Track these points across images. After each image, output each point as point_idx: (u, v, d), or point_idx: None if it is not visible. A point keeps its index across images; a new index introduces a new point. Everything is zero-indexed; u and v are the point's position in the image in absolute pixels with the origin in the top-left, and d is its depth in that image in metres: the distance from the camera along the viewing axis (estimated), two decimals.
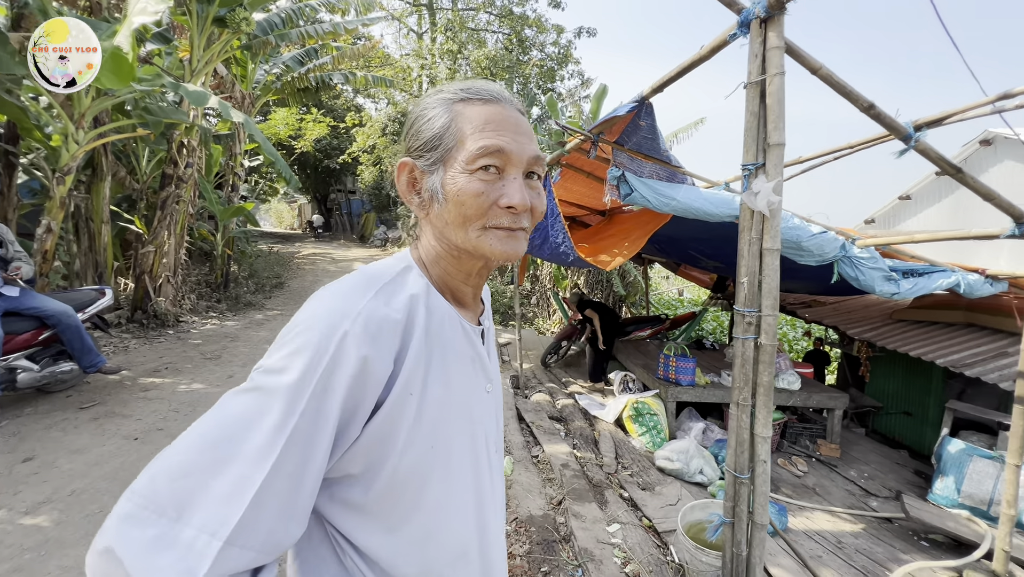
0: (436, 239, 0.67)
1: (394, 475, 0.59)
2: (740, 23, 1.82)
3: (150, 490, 0.49)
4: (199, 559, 0.47)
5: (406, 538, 0.61)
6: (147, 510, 0.48)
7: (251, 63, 8.50)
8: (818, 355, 6.39)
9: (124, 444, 3.29)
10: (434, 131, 0.63)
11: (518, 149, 0.62)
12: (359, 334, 0.55)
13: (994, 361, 3.59)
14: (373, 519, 0.60)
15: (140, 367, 4.85)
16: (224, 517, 0.48)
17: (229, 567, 0.48)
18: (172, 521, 0.48)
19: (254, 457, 0.50)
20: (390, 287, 0.62)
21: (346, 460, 0.57)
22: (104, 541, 0.47)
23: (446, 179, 0.62)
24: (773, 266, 1.81)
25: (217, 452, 0.50)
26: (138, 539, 0.47)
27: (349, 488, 0.59)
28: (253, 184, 17.48)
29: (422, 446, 0.60)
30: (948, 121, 2.14)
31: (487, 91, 0.64)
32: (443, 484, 0.63)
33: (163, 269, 6.52)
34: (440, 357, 0.63)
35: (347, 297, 0.58)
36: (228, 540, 0.48)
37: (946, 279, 3.14)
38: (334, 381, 0.53)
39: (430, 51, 13.46)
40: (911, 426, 5.08)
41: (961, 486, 3.25)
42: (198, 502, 0.48)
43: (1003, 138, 7.89)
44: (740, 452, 1.92)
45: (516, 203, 0.61)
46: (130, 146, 7.23)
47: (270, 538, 0.51)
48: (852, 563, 2.66)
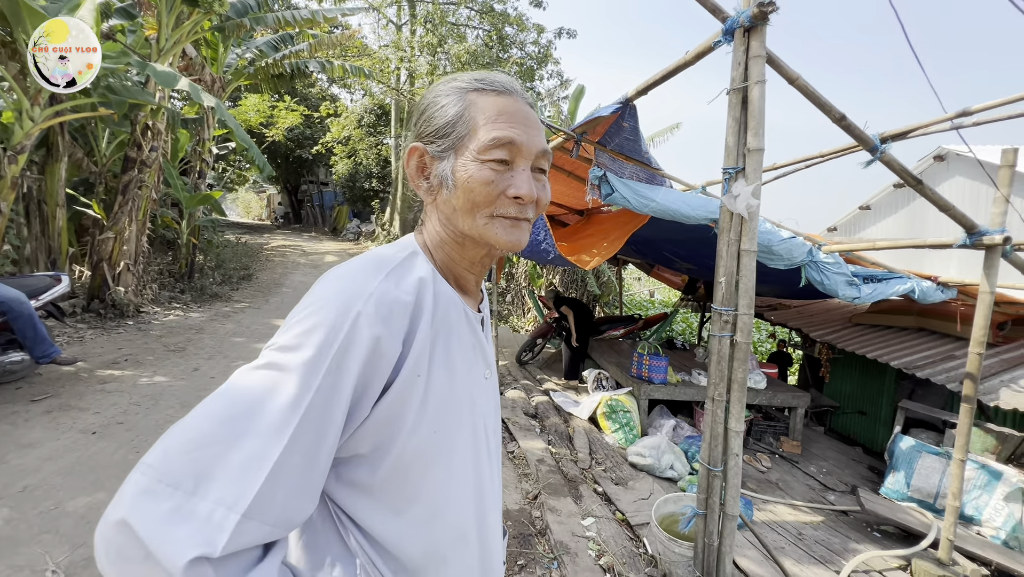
0: (442, 225, 0.68)
1: (401, 457, 0.59)
2: (725, 31, 1.88)
3: (164, 463, 0.49)
4: (217, 531, 0.47)
5: (410, 520, 0.62)
6: (162, 483, 0.48)
7: (222, 46, 8.19)
8: (781, 356, 6.65)
9: (80, 438, 3.14)
10: (447, 118, 0.64)
11: (528, 142, 0.64)
12: (372, 314, 0.55)
13: (943, 363, 3.83)
14: (379, 500, 0.61)
15: (97, 358, 4.62)
16: (241, 491, 0.48)
17: (246, 540, 0.48)
18: (188, 494, 0.47)
19: (270, 432, 0.50)
20: (399, 270, 0.62)
21: (355, 440, 0.58)
22: (118, 514, 0.47)
23: (457, 166, 0.63)
24: (750, 267, 1.89)
25: (233, 426, 0.50)
26: (154, 512, 0.46)
27: (356, 468, 0.60)
28: (221, 172, 16.87)
29: (427, 429, 0.60)
30: (912, 135, 2.27)
31: (500, 83, 0.66)
32: (446, 468, 0.63)
33: (123, 257, 6.22)
34: (444, 341, 0.63)
35: (359, 278, 0.59)
36: (246, 513, 0.48)
37: (902, 285, 3.33)
38: (348, 360, 0.54)
39: (409, 43, 13.27)
40: (865, 425, 5.36)
41: (911, 480, 3.45)
42: (215, 475, 0.48)
43: (955, 155, 8.39)
44: (714, 446, 1.99)
45: (524, 194, 0.63)
46: (89, 126, 6.85)
47: (284, 513, 0.51)
48: (811, 553, 2.79)
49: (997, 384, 3.41)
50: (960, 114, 2.20)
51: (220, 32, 7.33)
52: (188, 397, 3.95)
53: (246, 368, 0.55)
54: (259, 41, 9.12)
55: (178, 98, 9.92)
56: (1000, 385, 3.39)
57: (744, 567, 2.50)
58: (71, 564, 2.08)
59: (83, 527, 2.31)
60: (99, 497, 2.54)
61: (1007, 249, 2.51)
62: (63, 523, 2.33)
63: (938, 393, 4.23)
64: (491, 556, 0.72)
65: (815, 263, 3.09)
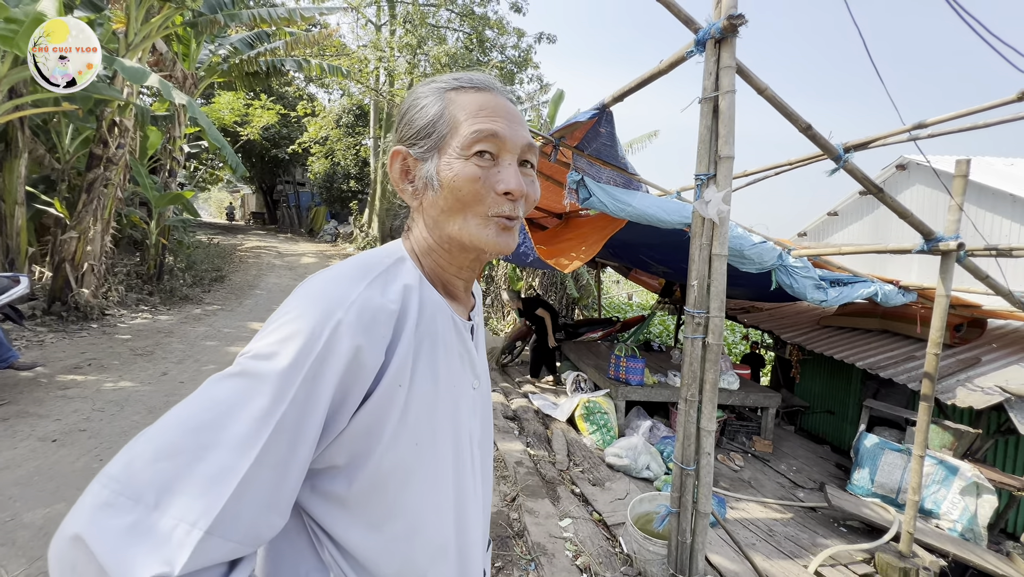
0: (428, 230, 0.66)
1: (378, 469, 0.57)
2: (697, 42, 1.93)
3: (126, 476, 0.46)
4: (177, 549, 0.44)
5: (387, 535, 0.60)
6: (123, 496, 0.45)
7: (195, 42, 7.98)
8: (754, 358, 6.82)
9: (40, 446, 3.00)
10: (427, 119, 0.63)
11: (512, 134, 0.62)
12: (353, 323, 0.54)
13: (904, 364, 3.99)
14: (355, 513, 0.59)
15: (58, 363, 4.43)
16: (205, 506, 0.46)
17: (208, 558, 0.46)
18: (149, 509, 0.45)
19: (239, 444, 0.48)
20: (385, 276, 0.60)
21: (331, 451, 0.56)
22: (73, 528, 0.45)
23: (441, 165, 0.62)
24: (721, 271, 1.94)
25: (199, 438, 0.48)
26: (112, 527, 0.44)
27: (332, 480, 0.58)
28: (193, 171, 16.41)
29: (407, 441, 0.58)
30: (872, 145, 2.38)
31: (479, 80, 0.65)
32: (426, 481, 0.61)
33: (87, 257, 5.99)
34: (429, 351, 0.61)
35: (341, 285, 0.57)
36: (208, 530, 0.46)
37: (866, 289, 3.46)
38: (325, 369, 0.52)
39: (389, 44, 13.17)
40: (833, 423, 5.54)
41: (875, 477, 3.59)
42: (178, 490, 0.46)
43: (916, 164, 8.78)
44: (687, 445, 2.03)
45: (513, 188, 0.61)
46: (52, 122, 6.59)
47: (251, 529, 0.49)
48: (781, 549, 2.87)
49: (954, 383, 3.57)
50: (916, 126, 2.31)
51: (192, 28, 7.15)
52: (156, 402, 3.82)
53: (218, 376, 0.53)
54: (233, 38, 8.91)
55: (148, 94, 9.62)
56: (956, 384, 3.55)
57: (717, 563, 2.56)
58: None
59: (41, 539, 2.21)
60: (59, 508, 2.44)
61: (961, 255, 2.64)
62: (20, 535, 2.23)
63: (900, 392, 4.41)
64: (472, 570, 0.70)
65: (785, 267, 3.19)
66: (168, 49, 7.64)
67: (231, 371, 0.52)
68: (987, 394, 3.35)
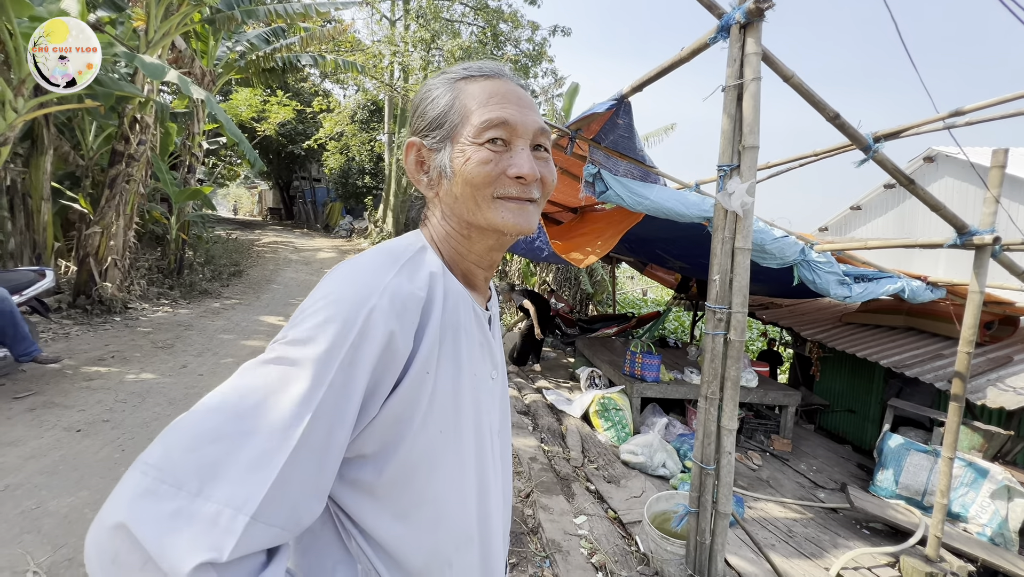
0: (445, 218, 0.66)
1: (407, 457, 0.58)
2: (720, 27, 1.87)
3: (166, 462, 0.46)
4: (224, 535, 0.44)
5: (415, 523, 0.60)
6: (164, 484, 0.45)
7: (213, 39, 8.06)
8: (771, 355, 6.69)
9: (65, 436, 3.07)
10: (439, 109, 0.64)
11: (523, 120, 0.62)
12: (386, 309, 0.54)
13: (931, 362, 3.87)
14: (383, 502, 0.59)
15: (83, 355, 4.54)
16: (250, 491, 0.46)
17: (254, 544, 0.46)
18: (192, 495, 0.45)
19: (280, 429, 0.48)
20: (411, 264, 0.61)
21: (362, 439, 0.56)
22: (115, 517, 0.44)
23: (454, 153, 0.62)
24: (744, 265, 1.88)
25: (240, 424, 0.48)
26: (155, 514, 0.44)
27: (361, 469, 0.58)
28: (211, 166, 16.68)
29: (433, 429, 0.59)
30: (905, 134, 2.28)
31: (489, 68, 0.66)
32: (451, 469, 0.62)
33: (110, 252, 6.11)
34: (452, 339, 0.62)
35: (373, 272, 0.57)
36: (254, 516, 0.45)
37: (893, 285, 3.35)
38: (361, 355, 0.52)
39: (403, 39, 13.17)
40: (854, 423, 5.41)
41: (899, 478, 3.49)
42: (221, 475, 0.46)
43: (944, 156, 8.49)
44: (707, 444, 1.98)
45: (525, 172, 0.61)
46: (76, 119, 6.72)
47: (294, 514, 0.49)
48: (801, 550, 2.81)
49: (984, 383, 3.45)
50: (953, 114, 2.21)
51: (210, 24, 7.22)
52: (176, 394, 3.89)
53: (253, 362, 0.53)
54: (250, 34, 8.98)
55: (167, 91, 9.77)
56: (987, 384, 3.43)
57: (735, 565, 2.51)
58: (53, 565, 2.03)
59: (65, 527, 2.26)
60: (82, 496, 2.49)
61: (996, 249, 2.53)
62: (45, 523, 2.28)
63: (925, 392, 4.28)
64: (493, 559, 0.70)
65: (807, 262, 3.10)
66: (187, 46, 7.74)
67: (267, 357, 0.52)
68: (1019, 394, 3.23)
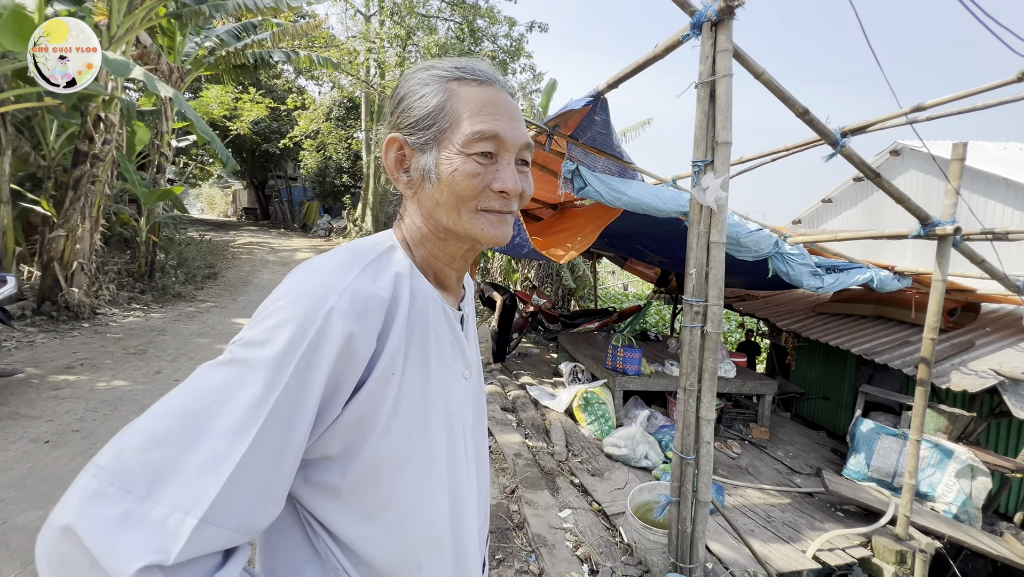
0: (423, 220, 0.66)
1: (372, 459, 0.57)
2: (692, 25, 1.90)
3: (116, 465, 0.46)
4: (171, 538, 0.44)
5: (382, 525, 0.60)
6: (113, 486, 0.45)
7: (180, 34, 7.83)
8: (750, 345, 6.85)
9: (32, 448, 2.97)
10: (427, 109, 0.62)
11: (513, 135, 0.62)
12: (346, 310, 0.53)
13: (899, 349, 4.01)
14: (348, 504, 0.58)
15: (50, 363, 4.38)
16: (199, 494, 0.45)
17: (203, 547, 0.46)
18: (141, 498, 0.44)
19: (232, 432, 0.48)
20: (376, 264, 0.60)
21: (324, 441, 0.55)
22: (62, 519, 0.44)
23: (440, 159, 0.61)
24: (719, 258, 1.92)
25: (192, 426, 0.47)
26: (103, 517, 0.43)
27: (325, 471, 0.57)
28: (182, 166, 16.19)
29: (399, 431, 0.58)
30: (870, 129, 2.35)
31: (482, 72, 0.64)
32: (419, 471, 0.61)
33: (76, 256, 5.90)
34: (420, 340, 0.61)
35: (333, 272, 0.56)
36: (203, 518, 0.45)
37: (862, 275, 3.46)
38: (318, 356, 0.51)
39: (378, 34, 12.98)
40: (829, 409, 5.58)
41: (871, 461, 3.61)
42: (170, 478, 0.45)
43: (909, 149, 8.78)
44: (687, 434, 2.02)
45: (509, 188, 0.62)
46: (36, 118, 6.45)
47: (246, 517, 0.49)
48: (780, 534, 2.89)
49: (948, 367, 3.59)
50: (915, 109, 2.29)
51: (177, 19, 6.99)
52: (150, 401, 3.76)
53: (209, 364, 0.52)
54: (219, 30, 8.74)
55: (133, 88, 9.46)
56: (951, 368, 3.57)
57: (716, 551, 2.57)
58: None
59: (35, 542, 2.19)
60: (52, 510, 2.41)
61: (957, 239, 2.64)
62: (13, 538, 2.20)
63: (894, 377, 4.43)
64: (468, 562, 0.70)
65: (781, 254, 3.18)
66: (152, 42, 7.49)
67: (222, 359, 0.52)
68: (981, 377, 3.37)
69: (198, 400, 0.49)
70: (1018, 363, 3.40)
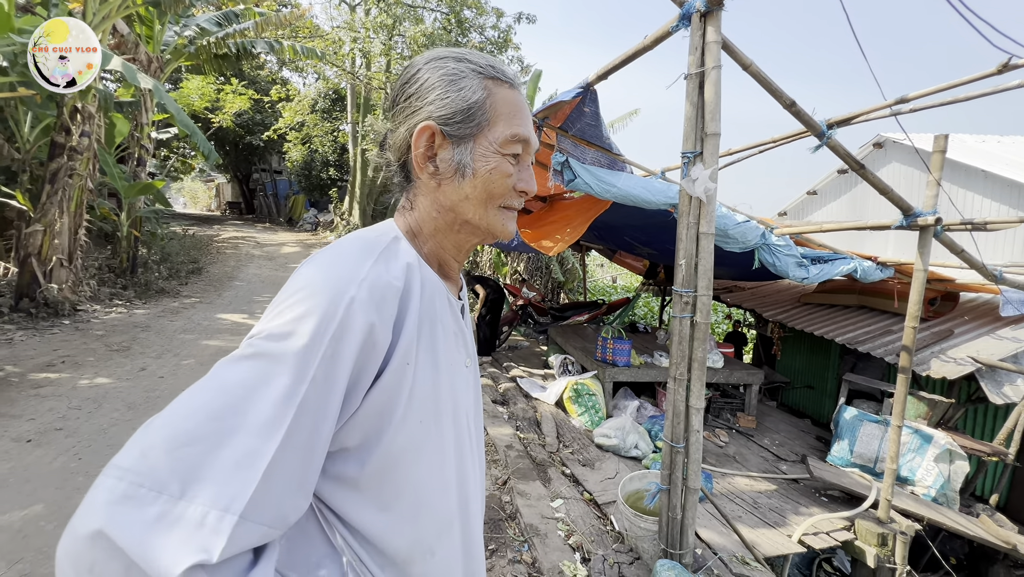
0: (439, 210, 0.66)
1: (389, 449, 0.57)
2: (682, 16, 1.90)
3: (144, 466, 0.45)
4: (212, 536, 0.43)
5: (398, 513, 0.60)
6: (143, 488, 0.44)
7: (159, 22, 7.61)
8: (737, 336, 6.95)
9: (13, 447, 2.91)
10: (469, 102, 0.62)
11: (535, 141, 0.67)
12: (365, 300, 0.53)
13: (881, 338, 4.10)
14: (366, 494, 0.58)
15: (29, 361, 4.28)
16: (236, 491, 0.45)
17: (242, 544, 0.46)
18: (175, 498, 0.44)
19: (264, 427, 0.47)
20: (387, 254, 0.60)
21: (344, 432, 0.56)
22: (91, 525, 0.42)
23: (477, 155, 0.63)
24: (708, 249, 1.94)
25: (221, 423, 0.47)
26: (138, 519, 0.42)
27: (343, 463, 0.57)
28: (163, 159, 15.84)
29: (414, 420, 0.59)
30: (855, 121, 2.39)
31: (511, 76, 0.67)
32: (432, 458, 0.62)
33: (54, 251, 5.75)
34: (430, 329, 0.62)
35: (350, 262, 0.56)
36: (243, 515, 0.45)
37: (846, 265, 3.52)
38: (342, 348, 0.51)
39: (363, 24, 12.77)
40: (813, 398, 5.70)
41: (854, 447, 3.70)
42: (204, 476, 0.45)
43: (892, 142, 8.92)
44: (677, 423, 2.05)
45: (531, 189, 0.67)
46: (8, 108, 6.25)
47: (280, 512, 0.49)
48: (766, 520, 2.96)
49: (928, 355, 3.68)
50: (899, 101, 2.32)
51: (155, 7, 6.80)
52: (135, 398, 3.72)
53: (229, 359, 0.51)
54: (200, 18, 8.52)
55: (111, 79, 9.20)
56: (931, 356, 3.66)
57: (705, 537, 2.62)
58: None
59: (20, 542, 2.15)
60: (37, 509, 2.37)
61: (938, 229, 2.69)
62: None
63: (877, 366, 4.54)
64: (474, 542, 0.72)
65: (767, 246, 3.22)
66: (130, 31, 7.28)
67: (243, 353, 0.51)
68: (959, 365, 3.46)
69: (223, 396, 0.48)
70: (995, 350, 3.49)
